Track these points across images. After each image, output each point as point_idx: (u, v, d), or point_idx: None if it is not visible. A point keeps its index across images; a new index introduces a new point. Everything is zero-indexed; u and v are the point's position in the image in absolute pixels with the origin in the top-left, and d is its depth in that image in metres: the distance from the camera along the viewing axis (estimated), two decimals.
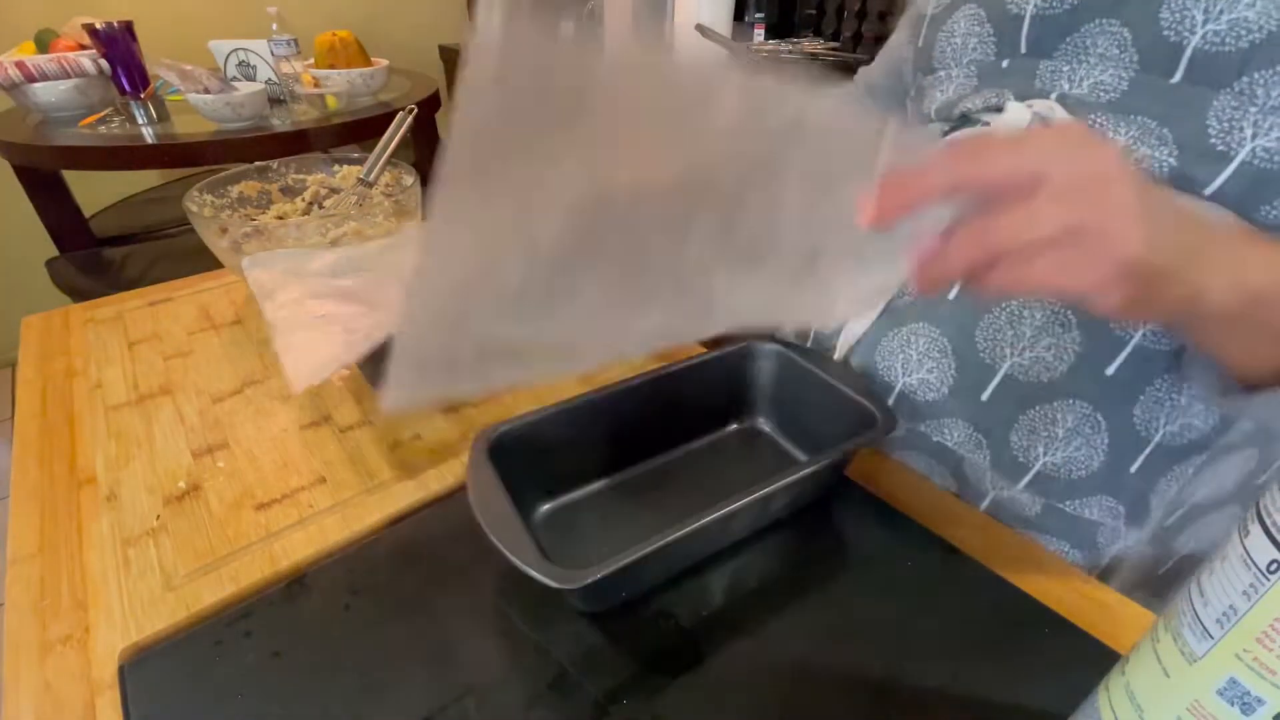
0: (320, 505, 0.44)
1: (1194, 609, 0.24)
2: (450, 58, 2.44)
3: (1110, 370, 0.38)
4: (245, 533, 0.42)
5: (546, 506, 0.43)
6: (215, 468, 0.47)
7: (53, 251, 1.51)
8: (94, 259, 1.50)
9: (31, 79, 1.33)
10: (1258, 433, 0.41)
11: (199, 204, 0.67)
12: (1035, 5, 0.39)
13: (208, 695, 0.33)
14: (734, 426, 0.51)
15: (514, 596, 0.37)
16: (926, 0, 0.47)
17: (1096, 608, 0.38)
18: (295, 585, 0.38)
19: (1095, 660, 0.34)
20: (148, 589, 0.38)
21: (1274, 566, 0.21)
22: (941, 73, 0.45)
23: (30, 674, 0.34)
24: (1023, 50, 0.41)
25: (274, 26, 1.48)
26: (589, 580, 0.31)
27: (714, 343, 0.47)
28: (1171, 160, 0.35)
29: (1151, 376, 0.38)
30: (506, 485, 0.36)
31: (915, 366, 0.44)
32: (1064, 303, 0.35)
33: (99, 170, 1.31)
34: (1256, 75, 0.32)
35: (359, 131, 1.47)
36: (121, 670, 0.34)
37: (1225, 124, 0.34)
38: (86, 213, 1.59)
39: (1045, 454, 0.41)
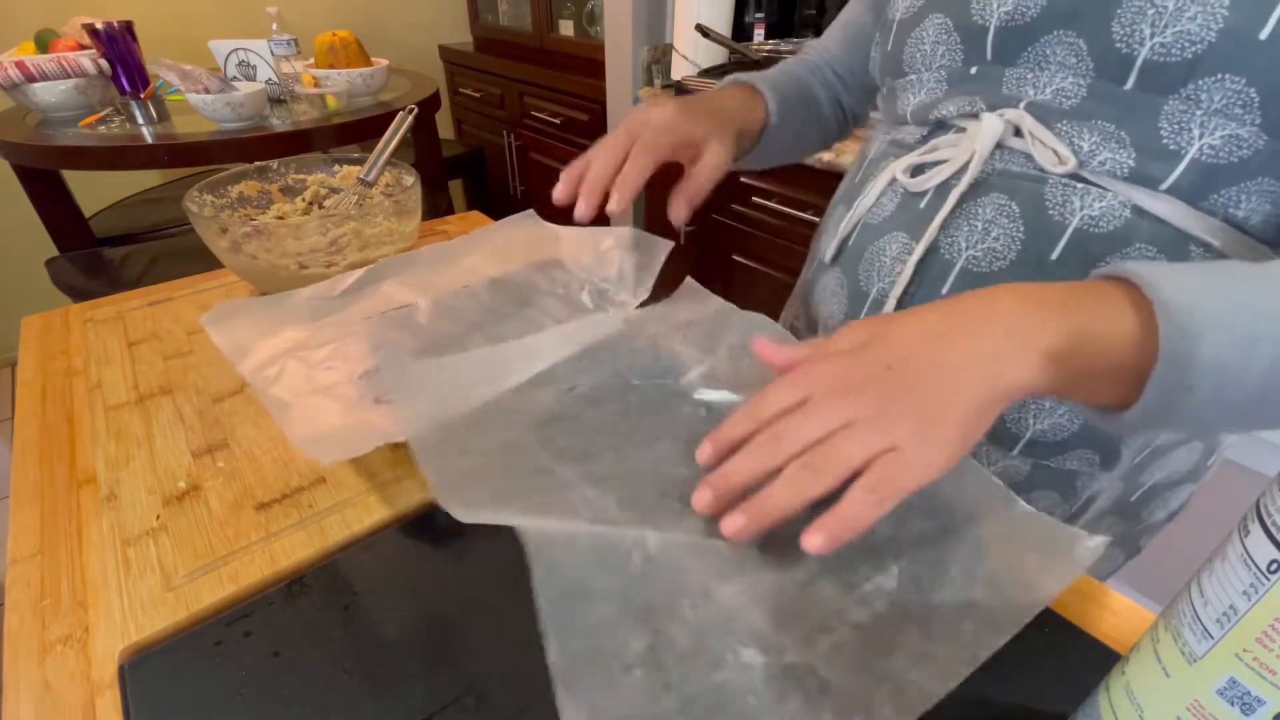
0: (320, 505, 0.44)
1: (1194, 609, 0.24)
2: (450, 58, 2.45)
3: None
4: (245, 533, 0.42)
5: None
6: (215, 468, 0.47)
7: (53, 251, 1.51)
8: (94, 259, 1.51)
9: (31, 79, 1.33)
10: None
11: (199, 204, 0.67)
12: (999, 17, 0.41)
13: (208, 695, 0.33)
14: None
15: (514, 596, 0.37)
16: (895, 5, 0.49)
17: (1096, 608, 0.38)
18: (295, 585, 0.38)
19: (1095, 660, 0.34)
20: (148, 589, 0.38)
21: (1274, 566, 0.21)
22: (912, 76, 0.48)
23: (30, 674, 0.34)
24: (989, 58, 0.43)
25: (274, 26, 1.48)
26: None
27: None
28: (1130, 161, 0.39)
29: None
30: None
31: None
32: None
33: (99, 170, 1.31)
34: (1201, 82, 0.36)
35: (359, 131, 1.47)
36: (121, 670, 0.34)
37: (1175, 126, 0.37)
38: (86, 213, 1.59)
39: (1034, 423, 0.45)
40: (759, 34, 1.66)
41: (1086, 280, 0.32)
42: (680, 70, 1.59)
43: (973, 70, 0.44)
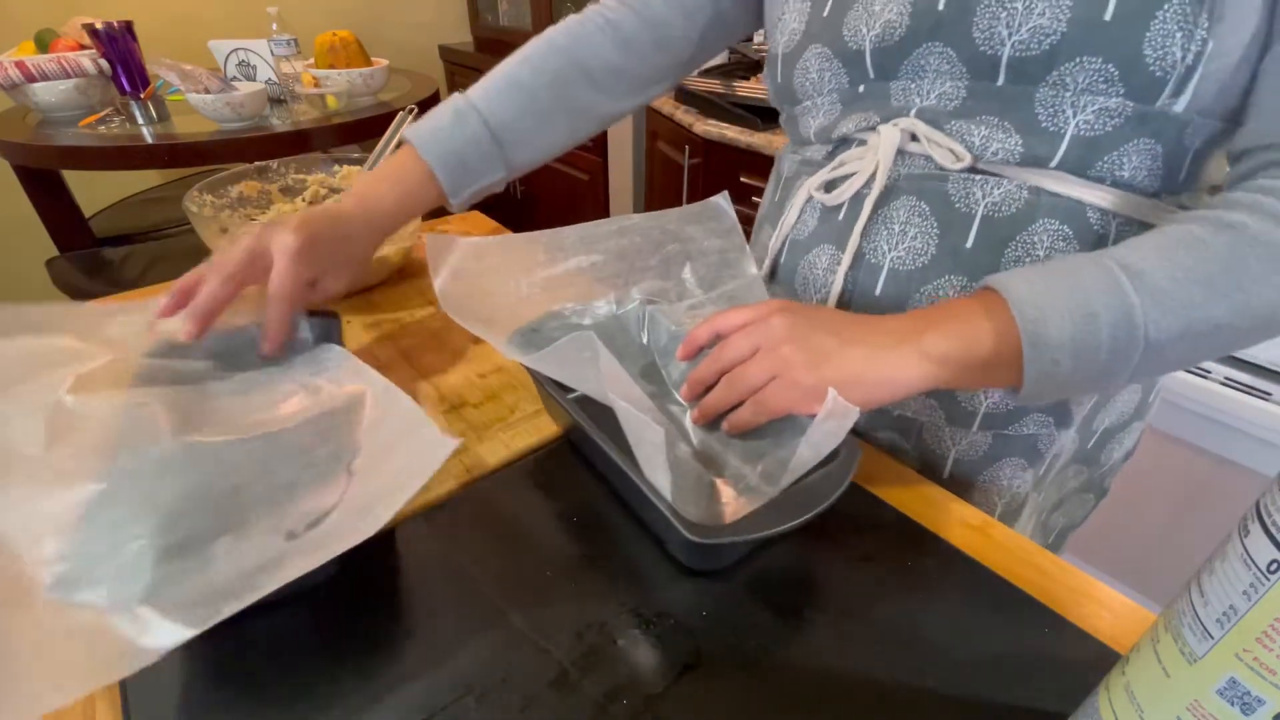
0: None
1: (1194, 609, 0.24)
2: (450, 58, 2.45)
3: None
4: None
5: None
6: None
7: (53, 251, 1.51)
8: (94, 259, 1.51)
9: (31, 79, 1.33)
10: None
11: (199, 204, 0.67)
12: (870, 40, 0.45)
13: (208, 695, 0.33)
14: None
15: (514, 596, 0.37)
16: (776, 40, 0.52)
17: (1096, 607, 0.38)
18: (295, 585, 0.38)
19: (1095, 660, 0.34)
20: None
21: (1274, 566, 0.21)
22: (807, 103, 0.51)
23: None
24: (871, 76, 0.46)
25: (274, 26, 1.48)
26: None
27: None
28: (1019, 148, 0.42)
29: None
30: None
31: None
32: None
33: (99, 170, 1.31)
34: (1064, 68, 0.39)
35: (359, 131, 1.47)
36: None
37: (1050, 110, 0.41)
38: (86, 213, 1.59)
39: (985, 397, 0.48)
40: (758, 34, 1.66)
41: (961, 297, 0.41)
42: None
43: (860, 89, 0.47)
